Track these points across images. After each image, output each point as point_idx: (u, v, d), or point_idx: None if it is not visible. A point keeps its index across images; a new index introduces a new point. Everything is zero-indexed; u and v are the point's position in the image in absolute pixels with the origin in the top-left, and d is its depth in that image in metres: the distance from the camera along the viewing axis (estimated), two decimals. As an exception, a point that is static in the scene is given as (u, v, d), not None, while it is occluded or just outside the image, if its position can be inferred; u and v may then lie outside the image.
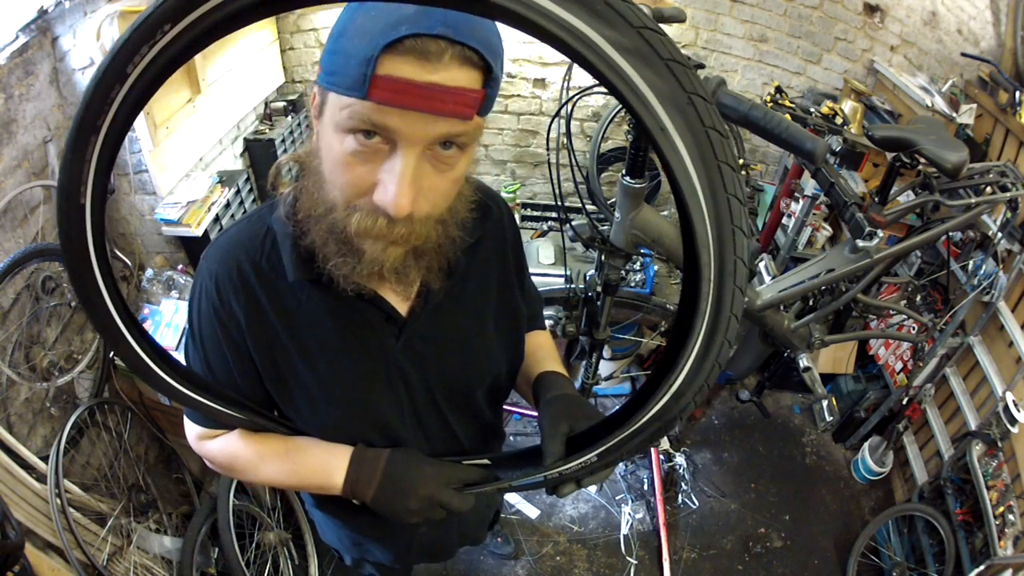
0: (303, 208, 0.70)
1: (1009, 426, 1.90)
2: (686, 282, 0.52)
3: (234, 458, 0.84)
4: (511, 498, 2.46)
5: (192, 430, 0.86)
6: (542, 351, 1.02)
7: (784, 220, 2.76)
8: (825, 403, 1.96)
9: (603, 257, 1.72)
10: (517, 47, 2.79)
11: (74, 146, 0.45)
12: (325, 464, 0.80)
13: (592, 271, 1.87)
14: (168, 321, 1.97)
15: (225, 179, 2.25)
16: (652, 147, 0.43)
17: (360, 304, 0.75)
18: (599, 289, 1.82)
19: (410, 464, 0.79)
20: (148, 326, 1.96)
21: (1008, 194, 1.83)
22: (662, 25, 0.48)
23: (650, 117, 0.42)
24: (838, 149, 2.16)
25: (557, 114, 1.57)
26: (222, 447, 0.85)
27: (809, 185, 2.51)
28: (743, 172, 2.18)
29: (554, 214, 3.00)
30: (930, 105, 2.35)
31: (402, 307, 0.79)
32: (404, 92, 0.53)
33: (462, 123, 0.57)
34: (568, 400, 0.84)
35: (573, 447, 0.76)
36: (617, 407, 0.72)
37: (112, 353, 1.90)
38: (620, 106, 2.69)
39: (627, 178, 1.50)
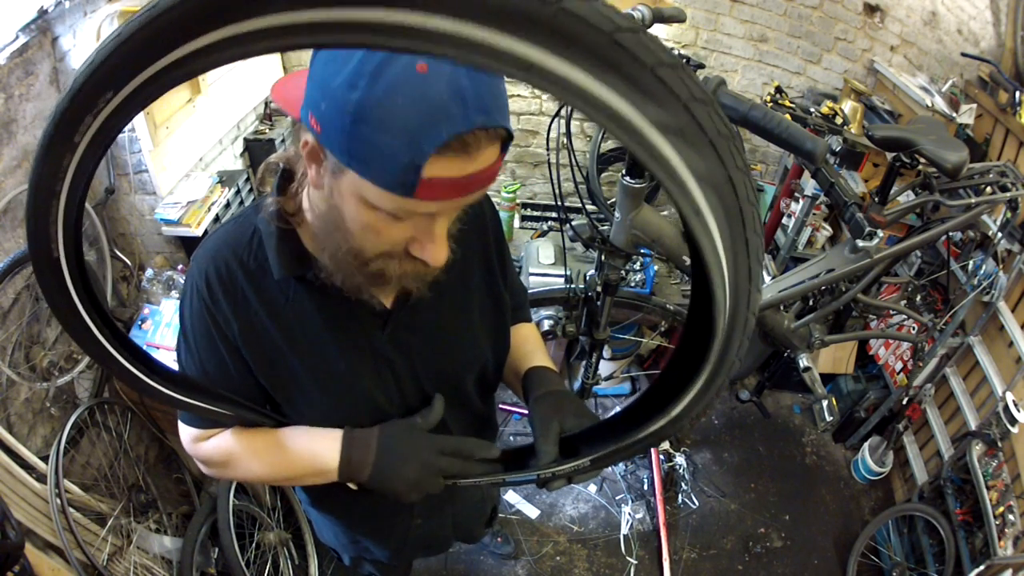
0: (309, 232, 0.72)
1: (1009, 426, 1.90)
2: (692, 332, 0.50)
3: (229, 455, 0.85)
4: (511, 498, 2.47)
5: (187, 433, 0.87)
6: (528, 344, 1.03)
7: (784, 220, 2.76)
8: (825, 403, 1.96)
9: (603, 257, 1.72)
10: (517, 47, 2.78)
11: (35, 212, 0.45)
12: (316, 450, 0.81)
13: (592, 271, 1.87)
14: (168, 321, 1.97)
15: (225, 179, 2.25)
16: (683, 224, 0.39)
17: (345, 299, 0.76)
18: (599, 289, 1.82)
19: (402, 436, 0.81)
20: (148, 326, 1.96)
21: (1008, 194, 1.83)
22: (662, 25, 0.46)
23: (686, 201, 0.37)
24: (838, 149, 2.17)
25: (557, 114, 1.57)
26: (217, 445, 0.86)
27: (809, 185, 2.51)
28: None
29: (554, 214, 3.00)
30: (930, 105, 2.36)
31: (387, 299, 0.80)
32: (452, 188, 0.56)
33: (483, 191, 0.62)
34: (558, 397, 0.85)
35: (565, 446, 0.77)
36: (613, 412, 0.73)
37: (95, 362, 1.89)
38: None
39: (627, 178, 1.50)
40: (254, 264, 0.76)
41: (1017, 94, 2.17)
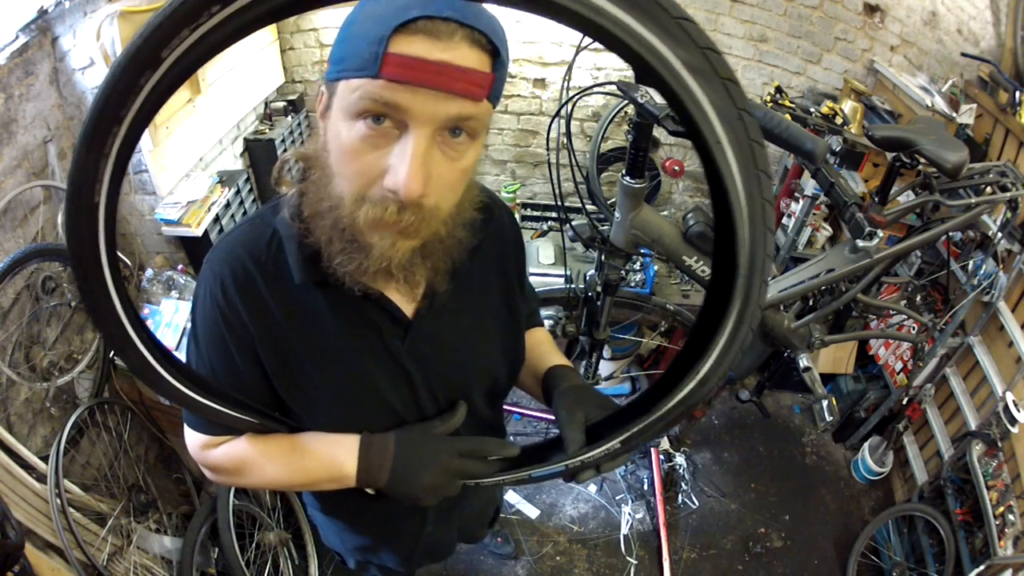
0: (308, 205, 0.69)
1: (1009, 426, 1.90)
2: (716, 278, 0.56)
3: (241, 462, 0.83)
4: (511, 498, 2.47)
5: (195, 440, 0.84)
6: (543, 346, 1.03)
7: (784, 220, 2.76)
8: (825, 403, 1.96)
9: (603, 257, 1.72)
10: (517, 47, 2.79)
11: (91, 138, 0.42)
12: (333, 456, 0.80)
13: (592, 271, 1.87)
14: (168, 321, 1.97)
15: (225, 179, 2.25)
16: (703, 155, 0.48)
17: (366, 306, 0.75)
18: (599, 289, 1.82)
19: (420, 440, 0.80)
20: (147, 326, 1.96)
21: (1008, 194, 1.83)
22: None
23: (710, 131, 0.46)
24: (838, 149, 2.17)
25: (557, 114, 1.57)
26: (227, 452, 0.84)
27: (809, 185, 2.51)
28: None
29: (554, 214, 3.00)
30: (930, 105, 2.35)
31: (407, 309, 0.79)
32: (415, 68, 0.54)
33: (473, 105, 0.58)
34: (581, 390, 0.85)
35: (591, 435, 0.77)
36: (636, 395, 0.73)
37: (128, 368, 1.89)
38: (619, 107, 2.70)
39: (627, 178, 1.50)
40: (273, 266, 0.74)
41: (1017, 94, 2.17)
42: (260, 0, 0.39)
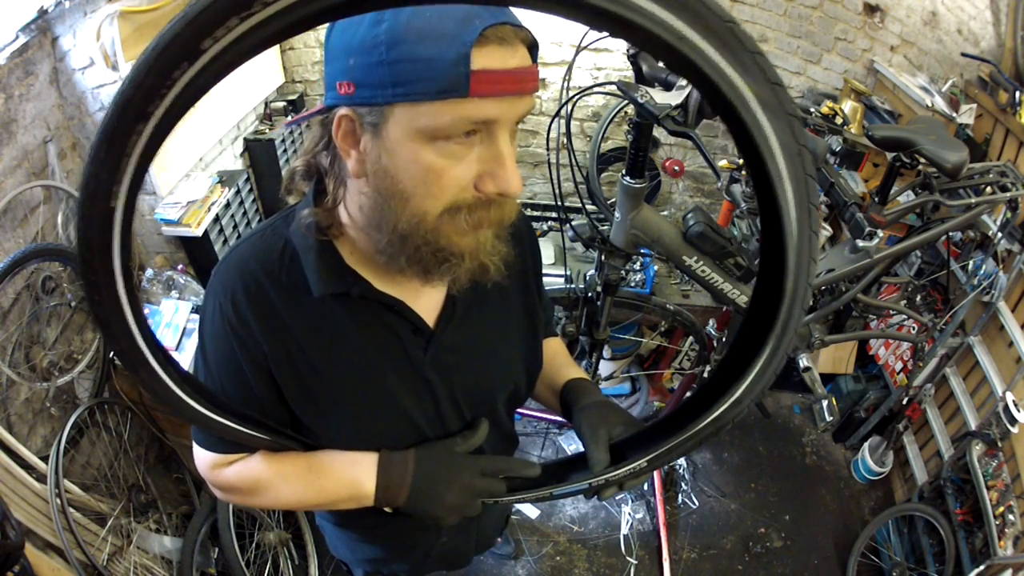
0: (373, 228, 0.66)
1: (1009, 426, 1.89)
2: (758, 302, 0.57)
3: (255, 481, 0.80)
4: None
5: (206, 459, 0.81)
6: (559, 357, 1.02)
7: (784, 220, 2.76)
8: (825, 403, 1.96)
9: (603, 257, 1.72)
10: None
11: (112, 136, 0.37)
12: (352, 475, 0.77)
13: (592, 271, 1.87)
14: (168, 321, 1.97)
15: (225, 179, 2.25)
16: (761, 187, 0.49)
17: (388, 316, 0.74)
18: (599, 289, 1.82)
19: (441, 459, 0.78)
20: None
21: (1008, 194, 1.83)
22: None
23: (774, 166, 0.47)
24: (838, 149, 2.17)
25: (557, 114, 1.57)
26: (240, 472, 0.81)
27: (809, 185, 2.50)
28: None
29: (554, 214, 3.00)
30: (930, 105, 2.35)
31: (429, 318, 0.77)
32: (502, 81, 0.56)
33: (532, 99, 0.61)
34: (603, 407, 0.85)
35: (614, 452, 0.77)
36: (663, 415, 0.74)
37: (141, 386, 1.89)
38: (619, 107, 2.70)
39: (627, 178, 1.50)
40: (287, 279, 0.71)
41: (1017, 94, 2.17)
42: None
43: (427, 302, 0.77)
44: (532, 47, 0.60)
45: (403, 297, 0.74)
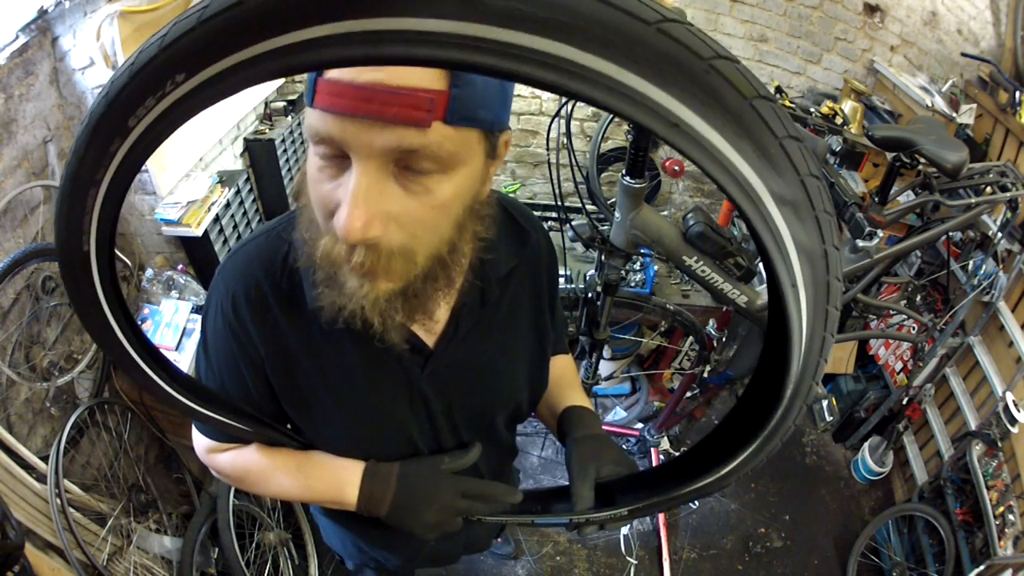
0: (301, 227, 0.64)
1: (1009, 426, 1.90)
2: (756, 390, 0.54)
3: (246, 472, 0.83)
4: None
5: (202, 443, 0.84)
6: (566, 378, 1.00)
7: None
8: (825, 403, 1.96)
9: (603, 257, 1.72)
10: (517, 47, 2.79)
11: (71, 197, 0.40)
12: (338, 480, 0.79)
13: (592, 271, 1.87)
14: (168, 321, 1.97)
15: (225, 179, 2.25)
16: (772, 288, 0.42)
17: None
18: (599, 289, 1.82)
19: (424, 475, 0.78)
20: (148, 326, 1.96)
21: (1008, 194, 1.83)
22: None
23: (786, 272, 0.40)
24: (838, 149, 2.17)
25: (557, 114, 1.57)
26: (233, 460, 0.83)
27: (809, 185, 2.50)
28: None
29: (554, 214, 3.00)
30: (930, 105, 2.36)
31: (429, 336, 0.75)
32: (340, 95, 0.46)
33: (419, 133, 0.47)
34: (597, 442, 0.83)
35: (601, 494, 0.76)
36: (654, 467, 0.75)
37: (135, 384, 1.89)
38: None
39: (627, 178, 1.50)
40: (287, 285, 0.70)
41: (1017, 94, 2.17)
42: (232, 71, 0.33)
43: (426, 320, 0.74)
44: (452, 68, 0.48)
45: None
